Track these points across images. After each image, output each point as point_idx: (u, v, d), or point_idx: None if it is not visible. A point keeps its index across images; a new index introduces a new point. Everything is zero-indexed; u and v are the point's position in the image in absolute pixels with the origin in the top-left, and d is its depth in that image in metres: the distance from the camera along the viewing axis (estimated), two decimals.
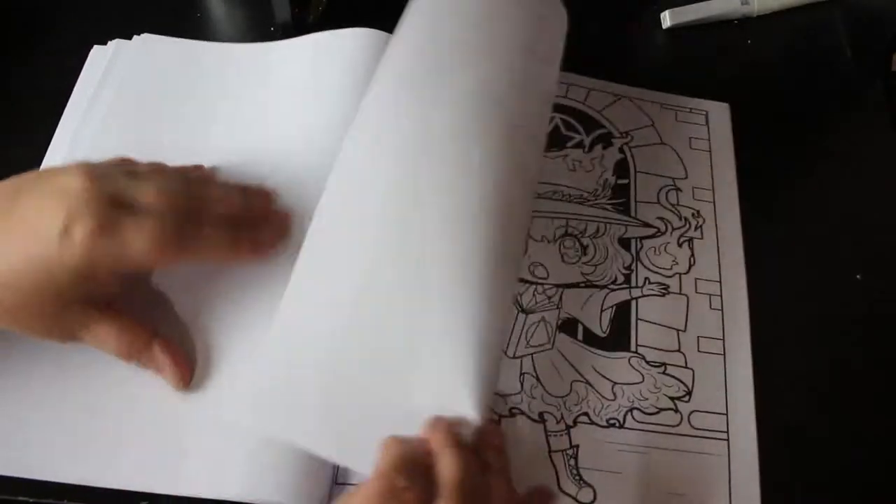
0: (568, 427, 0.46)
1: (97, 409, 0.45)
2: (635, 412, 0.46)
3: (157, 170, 0.45)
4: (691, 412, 0.47)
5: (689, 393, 0.47)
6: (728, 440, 0.46)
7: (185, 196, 0.43)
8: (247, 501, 0.42)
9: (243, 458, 0.42)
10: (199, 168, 0.49)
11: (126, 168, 0.44)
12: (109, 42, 0.59)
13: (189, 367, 0.45)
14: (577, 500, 0.44)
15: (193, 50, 0.58)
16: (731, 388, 0.48)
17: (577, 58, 0.60)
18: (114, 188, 0.41)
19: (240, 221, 0.45)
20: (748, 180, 0.55)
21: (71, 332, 0.42)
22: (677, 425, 0.46)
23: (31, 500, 0.43)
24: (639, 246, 0.52)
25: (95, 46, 0.59)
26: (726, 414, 0.47)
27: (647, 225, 0.53)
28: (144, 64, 0.57)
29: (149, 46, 0.58)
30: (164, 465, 0.43)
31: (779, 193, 0.56)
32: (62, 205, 0.40)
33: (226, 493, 0.41)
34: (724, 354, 0.49)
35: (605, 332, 0.49)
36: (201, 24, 0.63)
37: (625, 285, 0.50)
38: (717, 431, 0.46)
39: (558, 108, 0.57)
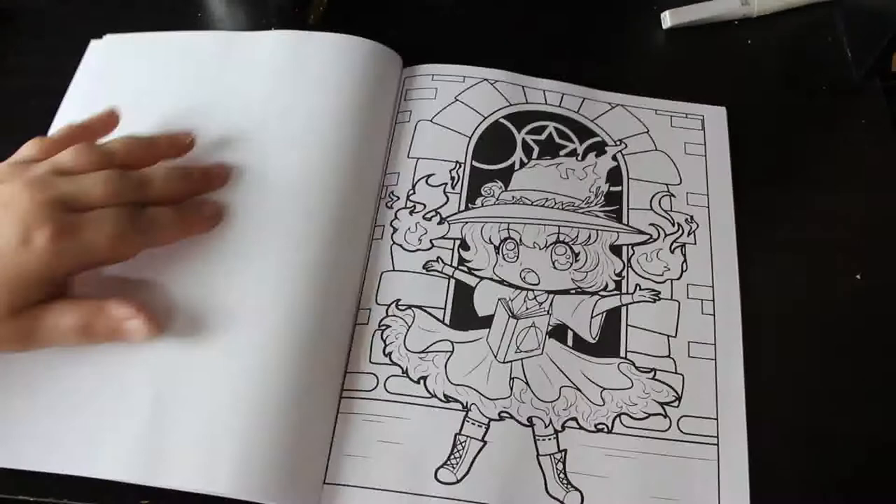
0: (556, 431, 0.46)
1: (86, 402, 0.46)
2: (624, 417, 0.47)
3: (86, 160, 0.46)
4: (680, 417, 0.47)
5: (679, 398, 0.48)
6: (718, 445, 0.46)
7: (128, 187, 0.46)
8: (236, 498, 0.43)
9: (231, 454, 0.43)
10: (127, 143, 0.49)
11: (55, 168, 0.45)
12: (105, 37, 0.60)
13: (154, 313, 0.45)
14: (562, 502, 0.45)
15: (159, 42, 0.59)
16: (721, 393, 0.48)
17: (576, 57, 0.61)
18: (59, 192, 0.43)
19: (183, 197, 0.49)
20: (747, 181, 0.56)
21: (27, 332, 0.43)
22: (666, 430, 0.47)
23: (31, 500, 0.45)
24: (630, 252, 0.52)
25: (93, 42, 0.60)
26: (716, 419, 0.47)
27: (639, 232, 0.53)
28: (114, 63, 0.58)
29: (115, 46, 0.59)
30: (153, 458, 0.44)
31: (778, 193, 0.56)
32: (16, 217, 0.42)
33: (214, 489, 0.43)
34: (716, 359, 0.49)
35: (594, 339, 0.49)
36: (201, 23, 0.63)
37: (615, 292, 0.51)
38: (706, 436, 0.47)
39: (552, 116, 0.57)
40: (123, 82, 0.57)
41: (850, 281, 0.52)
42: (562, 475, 0.45)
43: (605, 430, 0.47)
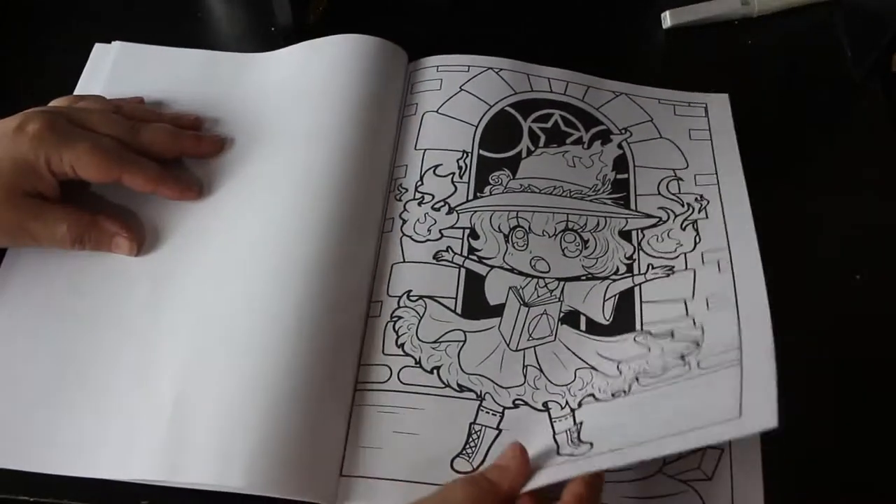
0: (573, 410, 0.45)
1: (100, 402, 0.46)
2: (641, 378, 0.44)
3: (97, 106, 0.53)
4: (700, 357, 0.43)
5: (699, 345, 0.44)
6: (741, 365, 0.40)
7: (121, 125, 0.51)
8: (251, 493, 0.42)
9: (248, 450, 0.42)
10: (135, 104, 0.56)
11: (71, 105, 0.52)
12: (113, 42, 0.60)
13: (138, 233, 0.51)
14: (573, 455, 0.41)
15: (169, 57, 0.60)
16: (744, 318, 0.44)
17: (577, 57, 0.61)
18: (63, 111, 0.50)
19: (170, 152, 0.53)
20: (746, 181, 0.55)
21: (23, 224, 0.48)
22: (686, 373, 0.42)
23: (31, 500, 0.44)
24: (640, 236, 0.52)
25: (97, 45, 0.60)
26: (740, 348, 0.41)
27: (647, 216, 0.53)
28: (122, 70, 0.59)
29: (125, 54, 0.60)
30: (169, 456, 0.43)
31: (778, 194, 0.55)
32: (22, 116, 0.48)
33: (230, 485, 0.42)
34: (737, 298, 0.46)
35: (608, 320, 0.49)
36: (202, 23, 0.64)
37: (627, 274, 0.51)
38: (729, 362, 0.40)
39: (557, 104, 0.58)
40: (132, 88, 0.58)
41: (849, 281, 0.52)
42: (575, 437, 0.43)
43: (624, 394, 0.44)
